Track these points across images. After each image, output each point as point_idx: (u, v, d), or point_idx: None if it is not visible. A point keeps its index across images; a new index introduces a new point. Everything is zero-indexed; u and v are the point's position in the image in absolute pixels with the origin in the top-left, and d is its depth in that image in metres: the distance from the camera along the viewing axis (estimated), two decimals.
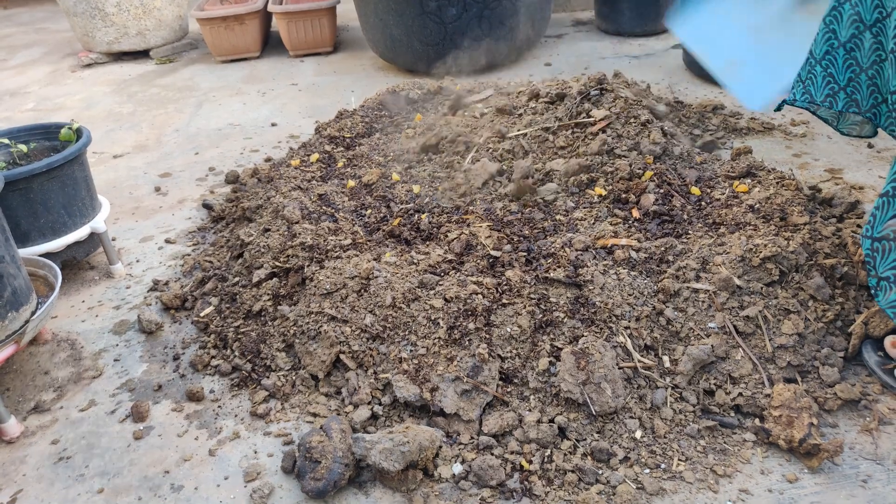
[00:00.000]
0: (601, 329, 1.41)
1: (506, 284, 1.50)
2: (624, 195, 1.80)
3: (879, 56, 1.48)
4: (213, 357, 1.59)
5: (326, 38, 3.95)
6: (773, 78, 1.82)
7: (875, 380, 1.39)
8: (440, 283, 1.51)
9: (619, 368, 1.34)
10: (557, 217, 1.79)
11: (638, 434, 1.29)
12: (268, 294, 1.65)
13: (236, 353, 1.58)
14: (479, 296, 1.45)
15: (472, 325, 1.41)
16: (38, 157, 1.84)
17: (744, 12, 1.94)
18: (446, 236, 1.72)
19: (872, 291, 1.35)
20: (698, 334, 1.41)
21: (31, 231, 1.76)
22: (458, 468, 1.25)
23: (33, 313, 1.50)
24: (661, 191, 1.79)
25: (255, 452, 1.35)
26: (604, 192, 1.82)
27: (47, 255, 1.78)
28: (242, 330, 1.63)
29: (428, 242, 1.75)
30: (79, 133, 1.90)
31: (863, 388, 1.37)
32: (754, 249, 1.48)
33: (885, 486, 1.18)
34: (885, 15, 1.45)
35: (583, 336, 1.38)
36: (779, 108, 1.84)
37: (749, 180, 1.84)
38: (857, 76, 1.60)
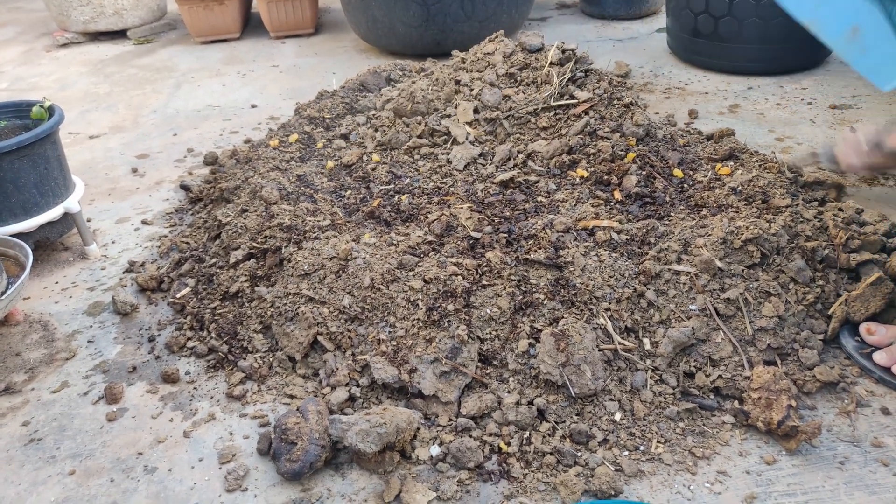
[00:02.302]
0: (581, 311, 1.40)
1: (486, 266, 1.49)
2: (606, 177, 1.79)
3: None
4: (189, 339, 1.57)
5: (308, 20, 3.91)
6: None
7: (853, 363, 1.39)
8: (420, 264, 1.50)
9: (599, 350, 1.33)
10: (539, 198, 1.78)
11: (617, 416, 1.28)
12: (245, 275, 1.63)
13: (213, 335, 1.55)
14: (459, 277, 1.44)
15: (451, 307, 1.39)
16: (9, 136, 1.79)
17: None
18: (426, 217, 1.70)
19: None
20: (679, 316, 1.41)
21: (1, 211, 1.72)
22: (435, 450, 1.24)
23: (3, 293, 1.46)
24: (644, 173, 1.78)
25: (231, 434, 1.33)
26: (586, 174, 1.81)
27: (19, 235, 1.74)
28: (219, 311, 1.60)
29: (408, 223, 1.73)
30: (51, 111, 1.85)
31: (841, 371, 1.37)
32: (736, 231, 1.47)
33: (861, 467, 1.18)
34: None
35: (563, 318, 1.37)
36: None
37: (731, 163, 1.84)
38: None
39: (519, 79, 2.15)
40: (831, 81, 2.74)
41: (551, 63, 2.11)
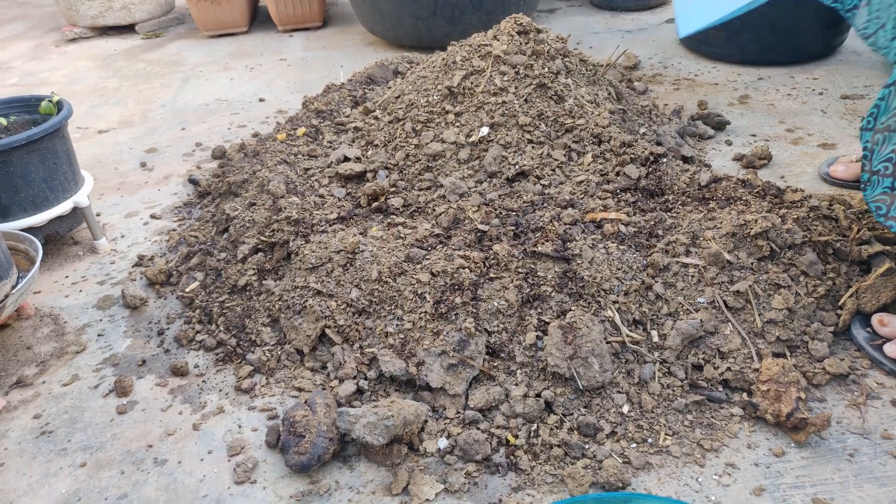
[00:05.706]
0: (589, 303, 1.40)
1: (493, 258, 1.48)
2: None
3: None
4: (197, 332, 1.58)
5: (315, 13, 3.90)
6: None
7: (864, 355, 1.38)
8: (427, 257, 1.50)
9: (607, 343, 1.33)
10: (546, 191, 1.77)
11: (625, 409, 1.28)
12: (253, 269, 1.63)
13: (221, 328, 1.56)
14: (467, 270, 1.44)
15: (458, 300, 1.39)
16: (18, 131, 1.80)
17: None
18: (434, 210, 1.70)
19: (862, 187, 1.37)
20: (687, 309, 1.40)
21: (11, 205, 1.73)
22: (443, 442, 1.24)
23: (13, 287, 1.47)
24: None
25: (240, 427, 1.33)
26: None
27: (29, 229, 1.75)
28: (227, 305, 1.61)
29: (415, 216, 1.72)
30: (59, 106, 1.86)
31: (851, 363, 1.36)
32: (746, 225, 1.46)
33: (871, 459, 1.17)
34: None
35: (570, 310, 1.37)
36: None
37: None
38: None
39: None
40: (843, 71, 2.72)
41: None
